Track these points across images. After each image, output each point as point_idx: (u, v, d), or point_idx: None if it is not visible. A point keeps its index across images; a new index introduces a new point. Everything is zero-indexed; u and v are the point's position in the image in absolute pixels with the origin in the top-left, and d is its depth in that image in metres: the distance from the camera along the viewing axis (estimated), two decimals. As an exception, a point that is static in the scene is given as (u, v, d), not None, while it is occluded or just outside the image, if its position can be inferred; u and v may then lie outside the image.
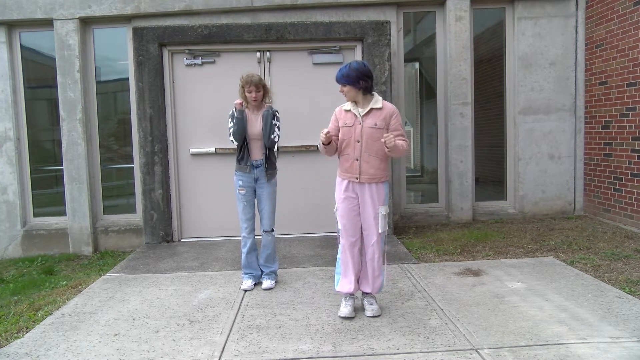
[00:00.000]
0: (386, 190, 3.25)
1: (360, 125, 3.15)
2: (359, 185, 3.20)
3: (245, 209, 3.86)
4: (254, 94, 3.72)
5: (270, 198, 3.87)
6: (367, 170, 3.16)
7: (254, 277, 3.93)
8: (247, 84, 3.71)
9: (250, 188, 3.86)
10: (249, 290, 3.83)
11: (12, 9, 5.74)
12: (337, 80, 3.19)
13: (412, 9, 6.20)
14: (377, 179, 3.18)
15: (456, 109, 6.03)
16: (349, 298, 3.28)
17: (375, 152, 3.16)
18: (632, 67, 5.34)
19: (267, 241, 3.91)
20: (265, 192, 3.86)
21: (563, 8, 6.09)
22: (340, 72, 3.16)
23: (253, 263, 3.93)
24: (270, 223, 3.90)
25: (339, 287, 3.29)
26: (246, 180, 3.84)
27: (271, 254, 3.94)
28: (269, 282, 3.88)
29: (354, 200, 3.22)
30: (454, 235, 5.39)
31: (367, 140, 3.14)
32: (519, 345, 2.74)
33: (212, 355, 2.74)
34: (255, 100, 3.75)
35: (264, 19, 5.78)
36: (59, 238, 5.92)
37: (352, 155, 3.17)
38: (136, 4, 5.76)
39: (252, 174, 3.83)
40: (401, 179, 6.18)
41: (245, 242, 3.89)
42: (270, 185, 3.87)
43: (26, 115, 6.04)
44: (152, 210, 5.46)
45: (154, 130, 5.41)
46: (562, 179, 6.22)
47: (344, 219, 3.23)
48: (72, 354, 2.82)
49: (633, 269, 4.07)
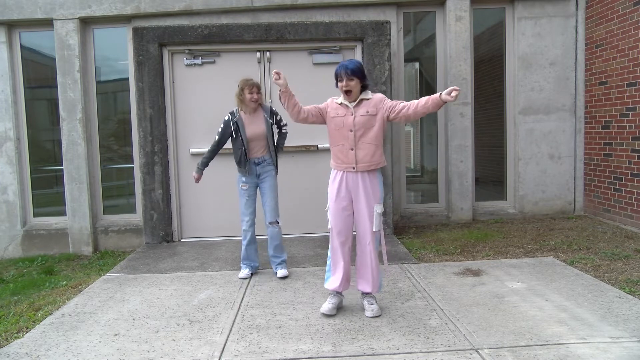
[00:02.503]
0: (381, 187, 3.25)
1: (353, 116, 3.16)
2: (354, 175, 3.19)
3: (247, 202, 4.07)
4: (256, 95, 3.95)
5: (272, 190, 4.08)
6: (362, 157, 3.16)
7: (251, 267, 4.17)
8: (248, 86, 3.94)
9: (252, 183, 4.09)
10: (244, 278, 4.07)
11: (12, 9, 5.74)
12: (346, 73, 3.11)
13: (412, 9, 6.20)
14: (373, 165, 3.19)
15: (456, 109, 6.03)
16: (333, 295, 3.31)
17: (369, 139, 3.16)
18: (632, 67, 5.34)
19: (274, 232, 4.10)
20: (267, 185, 4.06)
21: (563, 8, 6.09)
22: (347, 65, 3.12)
23: (252, 255, 4.16)
24: (274, 214, 4.08)
25: (327, 284, 3.34)
26: (249, 178, 4.07)
27: (279, 245, 4.15)
28: (282, 271, 4.08)
29: (347, 200, 3.22)
30: (454, 235, 5.39)
31: (360, 129, 3.15)
32: (519, 345, 2.74)
33: (212, 355, 2.73)
34: (255, 102, 3.98)
35: (264, 19, 5.79)
36: (59, 238, 5.92)
37: (347, 145, 3.17)
38: (136, 4, 5.76)
39: (254, 172, 4.03)
40: (401, 179, 6.18)
41: (245, 235, 4.09)
42: (272, 179, 4.08)
43: (26, 115, 6.04)
44: (152, 210, 5.46)
45: (154, 130, 5.41)
46: (562, 179, 6.23)
47: (336, 218, 3.24)
48: (72, 354, 2.82)
49: (633, 269, 4.07)
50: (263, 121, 4.01)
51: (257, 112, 4.04)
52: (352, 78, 3.12)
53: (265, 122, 4.02)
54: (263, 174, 4.06)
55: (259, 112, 4.04)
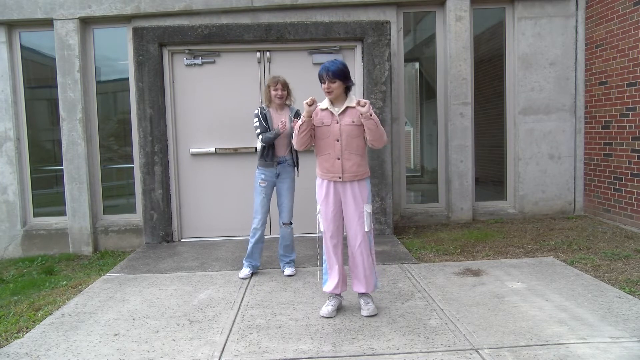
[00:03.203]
0: (368, 188, 3.25)
1: (338, 124, 3.14)
2: (342, 184, 3.18)
3: (263, 201, 4.10)
4: (280, 92, 4.02)
5: (290, 192, 4.14)
6: (349, 168, 3.15)
7: (252, 267, 4.18)
8: (274, 82, 4.03)
9: (271, 182, 4.11)
10: (244, 279, 4.08)
11: (12, 9, 5.74)
12: (327, 75, 3.07)
13: (412, 9, 6.20)
14: (359, 175, 3.18)
15: (456, 109, 6.03)
16: (332, 298, 3.32)
17: (355, 149, 3.15)
18: (632, 67, 5.34)
19: (286, 233, 4.18)
20: (286, 186, 4.12)
21: (563, 8, 6.09)
22: (329, 67, 3.07)
23: (256, 254, 4.17)
24: (289, 216, 4.16)
25: (325, 288, 3.34)
26: (268, 175, 4.08)
27: (290, 245, 4.22)
28: (290, 270, 4.16)
29: (336, 206, 3.21)
30: (454, 235, 5.39)
31: (346, 138, 3.14)
32: (519, 345, 2.74)
33: (212, 355, 2.73)
34: (280, 98, 4.04)
35: (264, 19, 5.79)
36: (59, 238, 5.92)
37: (333, 154, 3.15)
38: (136, 4, 5.76)
39: (275, 170, 4.08)
40: (401, 179, 6.18)
41: (254, 233, 4.10)
42: (291, 181, 4.13)
43: (26, 115, 6.04)
44: (152, 210, 5.46)
45: (154, 130, 5.41)
46: (562, 179, 6.23)
47: (327, 221, 3.24)
48: (72, 354, 2.82)
49: (633, 269, 4.07)
50: (288, 120, 4.05)
51: (284, 110, 4.11)
52: (334, 80, 3.08)
53: (290, 121, 4.06)
54: (283, 173, 4.10)
55: (285, 111, 4.11)
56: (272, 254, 4.61)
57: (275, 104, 4.08)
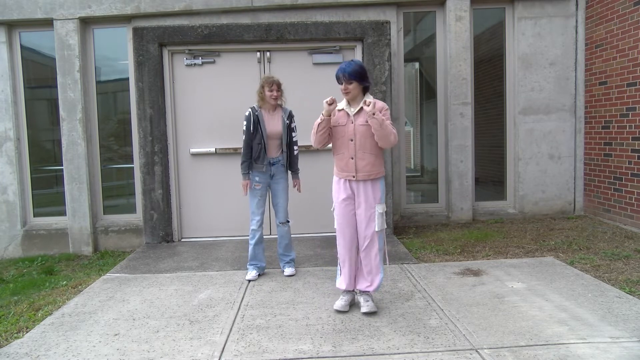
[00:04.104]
0: (382, 188, 3.27)
1: (353, 125, 3.18)
2: (356, 183, 3.23)
3: (258, 203, 4.10)
4: (275, 92, 3.99)
5: (285, 192, 4.16)
6: (363, 167, 3.19)
7: (258, 269, 4.16)
8: (269, 83, 3.99)
9: (265, 184, 4.11)
10: (252, 280, 4.05)
11: (12, 9, 5.74)
12: (344, 76, 3.13)
13: (412, 9, 6.20)
14: (373, 175, 3.22)
15: (456, 109, 6.03)
16: (346, 293, 3.37)
17: (369, 149, 3.19)
18: (632, 67, 5.34)
19: (284, 232, 4.18)
20: (281, 186, 4.14)
21: (563, 8, 6.09)
22: (345, 69, 3.12)
23: (259, 255, 4.16)
24: (285, 215, 4.18)
25: (338, 284, 3.41)
26: (262, 177, 4.09)
27: (289, 244, 4.23)
28: (290, 270, 4.17)
29: (351, 202, 3.27)
30: (454, 235, 5.39)
31: (360, 138, 3.18)
32: (519, 345, 2.74)
33: (212, 355, 2.73)
34: (275, 99, 4.01)
35: (264, 19, 5.79)
36: (59, 238, 5.92)
37: (347, 154, 3.21)
38: (136, 4, 5.76)
39: (268, 172, 4.07)
40: (401, 179, 6.18)
41: (254, 235, 4.10)
42: (285, 181, 4.15)
43: (26, 115, 6.04)
44: (152, 210, 5.46)
45: (154, 130, 5.41)
46: (562, 179, 6.22)
47: (341, 218, 3.28)
48: (72, 354, 2.82)
49: (633, 269, 4.07)
50: (281, 121, 4.07)
51: (277, 111, 4.11)
52: (351, 81, 3.14)
53: (283, 122, 4.08)
54: (277, 174, 4.12)
55: (278, 112, 4.11)
56: (272, 254, 4.61)
57: (269, 105, 4.06)
